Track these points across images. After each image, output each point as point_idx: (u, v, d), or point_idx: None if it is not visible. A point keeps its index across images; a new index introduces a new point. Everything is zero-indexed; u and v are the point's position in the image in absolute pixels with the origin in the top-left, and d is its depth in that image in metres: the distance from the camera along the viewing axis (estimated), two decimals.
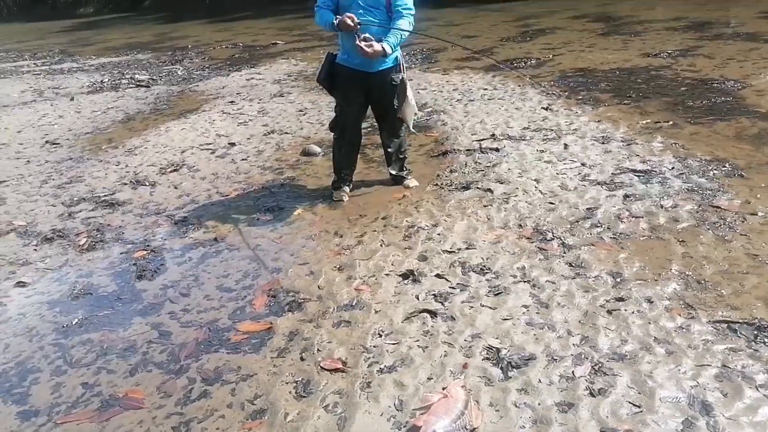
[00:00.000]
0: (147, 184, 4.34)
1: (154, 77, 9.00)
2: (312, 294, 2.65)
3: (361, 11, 3.20)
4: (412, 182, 3.79)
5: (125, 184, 4.38)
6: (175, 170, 4.57)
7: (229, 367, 2.22)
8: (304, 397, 2.01)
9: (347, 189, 3.73)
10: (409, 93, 3.42)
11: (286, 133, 5.28)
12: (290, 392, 2.04)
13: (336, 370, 2.12)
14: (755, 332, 2.05)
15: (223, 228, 3.45)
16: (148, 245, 3.34)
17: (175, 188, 4.20)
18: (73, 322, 2.63)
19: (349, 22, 3.13)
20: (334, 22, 3.20)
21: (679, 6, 10.01)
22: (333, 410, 1.92)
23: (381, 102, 3.51)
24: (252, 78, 8.13)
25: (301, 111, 5.99)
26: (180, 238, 3.40)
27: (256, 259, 3.05)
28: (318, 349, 2.25)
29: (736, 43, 6.75)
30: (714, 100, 4.82)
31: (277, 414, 1.93)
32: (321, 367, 2.14)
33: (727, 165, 3.52)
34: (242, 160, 4.66)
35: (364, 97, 3.48)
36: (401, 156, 3.78)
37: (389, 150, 3.73)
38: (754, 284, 2.34)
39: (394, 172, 3.81)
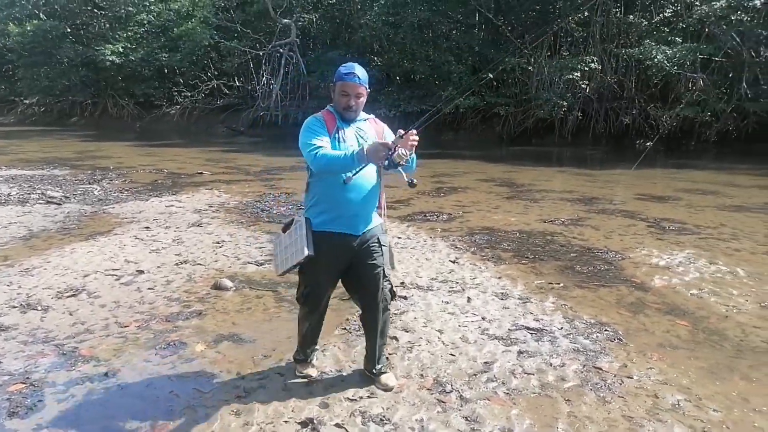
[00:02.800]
0: (39, 308, 4.08)
1: (68, 195, 8.79)
2: None
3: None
4: (390, 378, 3.04)
5: (14, 306, 4.10)
6: (73, 295, 4.36)
7: None
8: None
9: (315, 361, 3.19)
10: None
11: (200, 264, 5.25)
12: None
13: None
14: None
15: (116, 362, 3.28)
16: (27, 377, 3.08)
17: (70, 315, 3.98)
18: None
19: (413, 141, 2.54)
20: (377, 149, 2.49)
21: (573, 180, 11.39)
22: None
23: (366, 268, 2.83)
24: (172, 205, 8.15)
25: (218, 243, 6.02)
26: (66, 371, 3.18)
27: (147, 398, 2.89)
28: None
29: (617, 218, 7.68)
30: (598, 267, 5.38)
31: None
32: None
33: (608, 329, 3.87)
34: (149, 289, 4.54)
35: (345, 268, 2.87)
36: (384, 339, 3.06)
37: (374, 329, 2.95)
38: None
39: (375, 368, 3.04)
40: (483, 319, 4.02)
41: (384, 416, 2.73)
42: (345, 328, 3.81)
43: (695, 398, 2.94)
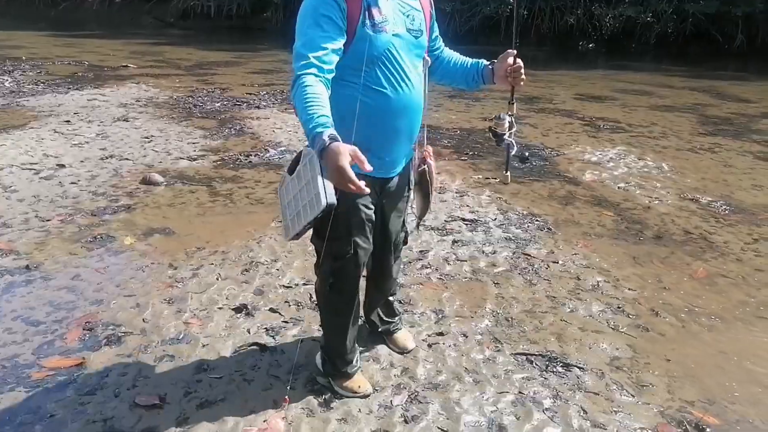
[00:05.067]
0: None
1: None
2: (135, 327, 2.49)
3: (406, 61, 1.79)
4: (408, 339, 2.40)
5: None
6: None
7: (26, 407, 1.99)
8: None
9: (359, 364, 2.18)
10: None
11: (127, 159, 4.97)
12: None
13: (152, 406, 2.00)
14: (547, 363, 2.34)
15: (38, 255, 3.13)
16: None
17: None
18: None
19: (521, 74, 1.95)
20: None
21: None
22: None
23: (393, 211, 2.05)
24: (94, 99, 7.56)
25: (146, 138, 5.69)
26: None
27: (73, 289, 2.80)
28: (134, 385, 2.11)
29: (556, 117, 7.78)
30: (534, 163, 5.49)
31: None
32: (136, 403, 2.01)
33: (539, 220, 4.00)
34: (71, 183, 4.28)
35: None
36: (395, 290, 2.39)
37: (383, 280, 2.24)
38: (551, 322, 2.68)
39: (381, 319, 2.38)
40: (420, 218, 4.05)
41: None
42: (281, 221, 3.76)
43: (614, 280, 3.13)
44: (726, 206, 4.30)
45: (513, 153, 2.03)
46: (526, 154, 1.94)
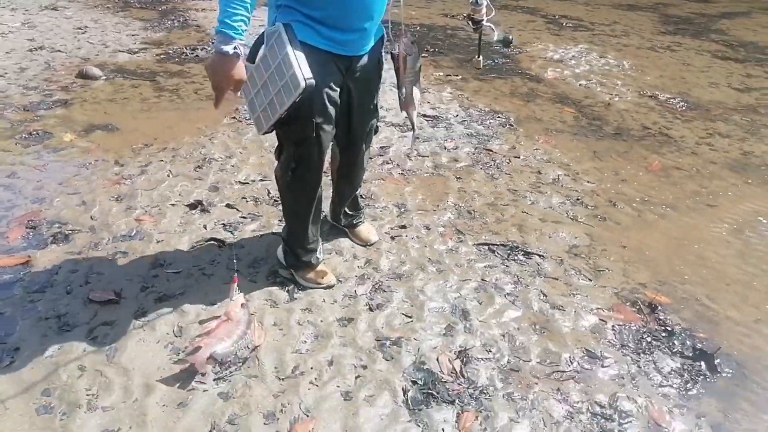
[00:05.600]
0: None
1: None
2: (83, 225, 2.36)
3: None
4: (371, 232, 2.38)
5: None
6: None
7: None
8: (67, 331, 1.79)
9: (322, 255, 2.14)
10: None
11: (59, 51, 4.54)
12: (50, 327, 1.80)
13: (108, 301, 1.93)
14: (508, 252, 2.37)
15: None
16: None
17: None
18: None
19: None
20: None
21: None
22: (101, 341, 1.75)
23: (363, 95, 1.92)
24: None
25: (79, 29, 5.19)
26: None
27: (10, 187, 2.60)
28: (87, 282, 2.02)
29: (518, 14, 7.52)
30: (496, 60, 5.34)
31: (30, 350, 1.70)
32: (90, 299, 1.93)
33: (501, 116, 3.94)
34: None
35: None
36: (360, 184, 2.28)
37: (352, 169, 2.13)
38: (512, 214, 2.69)
39: (345, 213, 2.34)
40: (381, 107, 3.91)
41: (278, 197, 2.67)
42: (234, 117, 3.57)
43: (573, 173, 3.15)
44: (683, 103, 4.33)
45: (495, 39, 1.95)
46: (510, 37, 1.84)
